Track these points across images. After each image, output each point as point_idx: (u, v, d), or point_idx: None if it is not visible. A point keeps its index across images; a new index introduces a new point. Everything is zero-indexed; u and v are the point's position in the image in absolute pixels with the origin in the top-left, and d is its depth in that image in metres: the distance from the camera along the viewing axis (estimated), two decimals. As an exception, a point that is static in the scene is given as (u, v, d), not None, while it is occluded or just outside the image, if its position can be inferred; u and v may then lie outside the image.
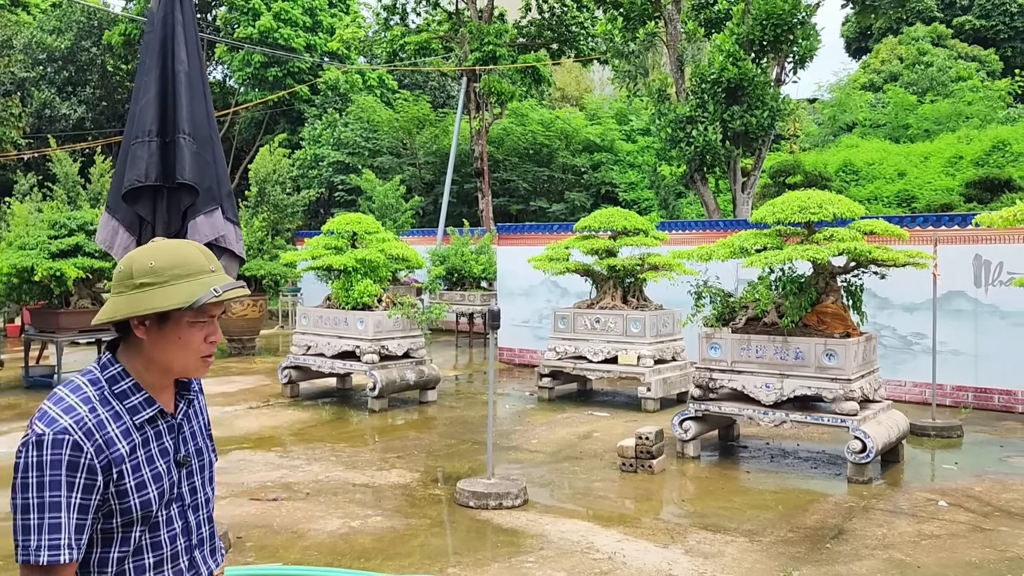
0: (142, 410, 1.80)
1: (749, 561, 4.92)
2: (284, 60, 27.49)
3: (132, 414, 1.78)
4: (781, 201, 7.34)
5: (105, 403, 1.76)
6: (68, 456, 1.66)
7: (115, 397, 1.78)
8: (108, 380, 1.79)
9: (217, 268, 1.86)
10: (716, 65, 14.77)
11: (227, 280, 1.85)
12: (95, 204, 16.63)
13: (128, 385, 1.80)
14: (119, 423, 1.76)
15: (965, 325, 9.80)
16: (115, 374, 1.80)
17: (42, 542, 1.63)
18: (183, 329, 1.80)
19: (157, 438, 1.82)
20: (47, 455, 1.65)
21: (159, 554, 1.82)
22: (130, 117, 4.10)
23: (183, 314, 1.79)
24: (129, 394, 1.79)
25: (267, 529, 5.45)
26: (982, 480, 6.73)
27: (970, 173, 18.99)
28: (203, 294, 1.77)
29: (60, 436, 1.66)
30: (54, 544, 1.63)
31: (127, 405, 1.78)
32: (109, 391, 1.78)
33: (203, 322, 1.82)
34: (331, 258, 9.97)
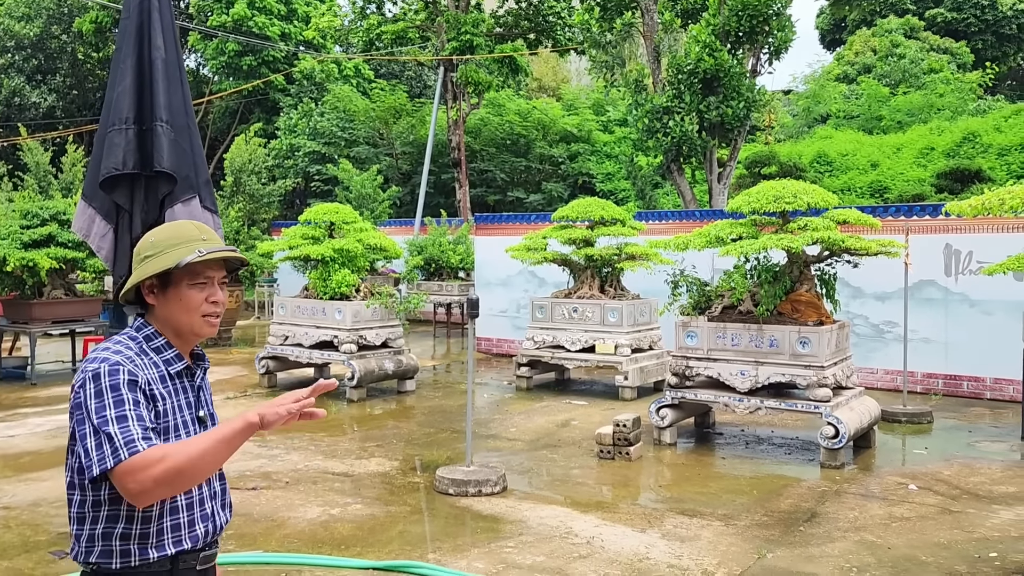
0: (175, 363, 2.06)
1: (724, 544, 5.01)
2: (259, 48, 27.23)
3: (167, 365, 2.04)
4: (756, 191, 7.43)
5: (144, 354, 2.01)
6: (127, 378, 1.91)
7: (152, 351, 2.03)
8: (144, 337, 2.05)
9: (210, 238, 2.08)
10: (692, 56, 14.85)
11: (217, 246, 2.06)
12: (67, 194, 16.43)
13: (162, 342, 2.06)
14: (157, 370, 2.01)
15: (935, 313, 9.98)
16: (149, 333, 2.06)
17: (117, 445, 1.81)
18: (183, 291, 2.04)
19: (184, 392, 2.06)
20: (106, 381, 1.89)
21: (188, 497, 2.02)
22: (106, 104, 4.07)
23: (181, 277, 2.03)
24: (163, 349, 2.05)
25: (247, 518, 5.45)
26: (951, 464, 6.88)
27: (941, 164, 19.26)
28: (188, 255, 1.99)
29: (116, 366, 1.91)
30: (129, 440, 1.82)
31: (163, 358, 2.04)
32: (147, 345, 2.03)
33: (201, 284, 2.05)
34: (308, 248, 9.94)
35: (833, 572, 4.59)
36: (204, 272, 2.05)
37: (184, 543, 2.00)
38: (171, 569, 1.98)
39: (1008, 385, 9.44)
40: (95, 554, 1.94)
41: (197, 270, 2.03)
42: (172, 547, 1.97)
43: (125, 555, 1.94)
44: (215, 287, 2.08)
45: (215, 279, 2.08)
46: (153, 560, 1.95)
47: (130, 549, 1.94)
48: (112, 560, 1.94)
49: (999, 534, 5.19)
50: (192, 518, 2.02)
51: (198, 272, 2.04)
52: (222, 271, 2.11)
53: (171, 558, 1.98)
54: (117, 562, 1.94)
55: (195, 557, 2.03)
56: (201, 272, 2.04)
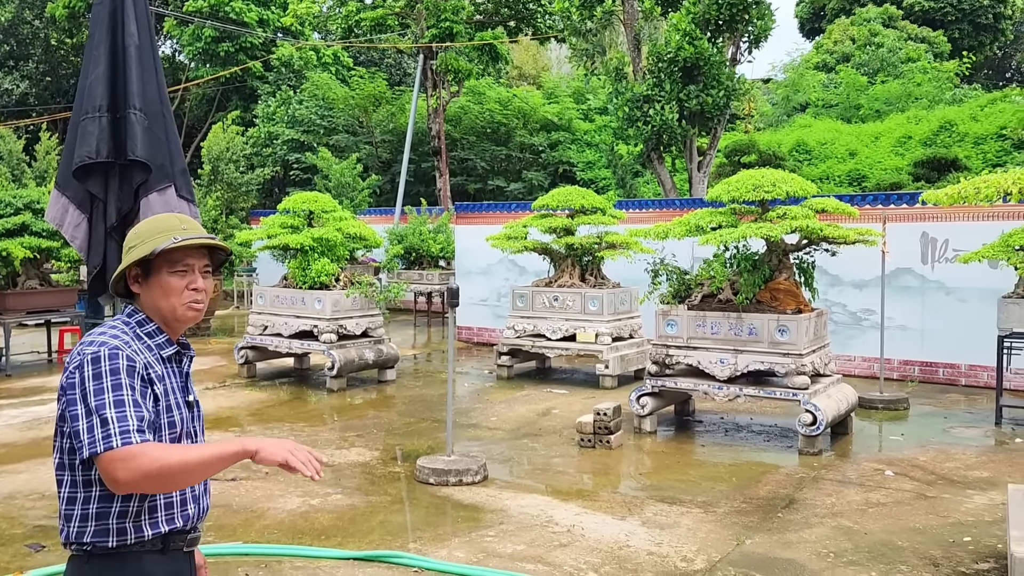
0: (167, 347, 2.11)
1: (704, 531, 5.05)
2: (236, 35, 26.91)
3: (159, 349, 2.09)
4: (736, 180, 7.45)
5: (139, 338, 2.06)
6: (126, 363, 1.95)
7: (145, 335, 2.08)
8: (137, 323, 2.10)
9: (190, 227, 2.13)
10: (672, 44, 14.85)
11: (195, 234, 2.11)
12: (41, 182, 16.21)
13: (153, 327, 2.11)
14: (151, 353, 2.06)
15: (912, 301, 10.08)
16: (141, 319, 2.11)
17: (111, 430, 1.84)
18: (163, 278, 2.09)
19: (175, 376, 2.12)
20: (106, 365, 1.92)
21: None
22: (79, 91, 4.01)
23: (161, 266, 2.08)
24: (155, 334, 2.10)
25: (226, 509, 5.42)
26: (926, 450, 6.97)
27: (918, 153, 19.43)
28: (164, 242, 2.06)
29: (116, 350, 1.95)
30: (124, 430, 1.85)
31: (155, 342, 2.09)
32: (140, 330, 2.08)
33: (180, 271, 2.10)
34: (287, 237, 9.87)
35: (810, 558, 4.64)
36: (183, 259, 2.10)
37: (176, 521, 2.04)
38: (163, 548, 2.02)
39: (983, 372, 9.57)
40: (88, 534, 1.96)
41: (176, 257, 2.09)
42: (165, 525, 2.02)
43: (121, 533, 1.97)
44: (196, 274, 2.13)
45: (196, 267, 2.13)
46: (148, 538, 1.99)
47: (126, 527, 1.97)
48: (108, 538, 1.96)
49: (973, 519, 5.26)
50: (184, 497, 2.06)
51: (176, 259, 2.09)
52: (203, 259, 2.16)
53: (163, 536, 2.02)
54: (113, 540, 1.96)
55: (183, 538, 2.08)
56: (180, 259, 2.09)
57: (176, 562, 2.07)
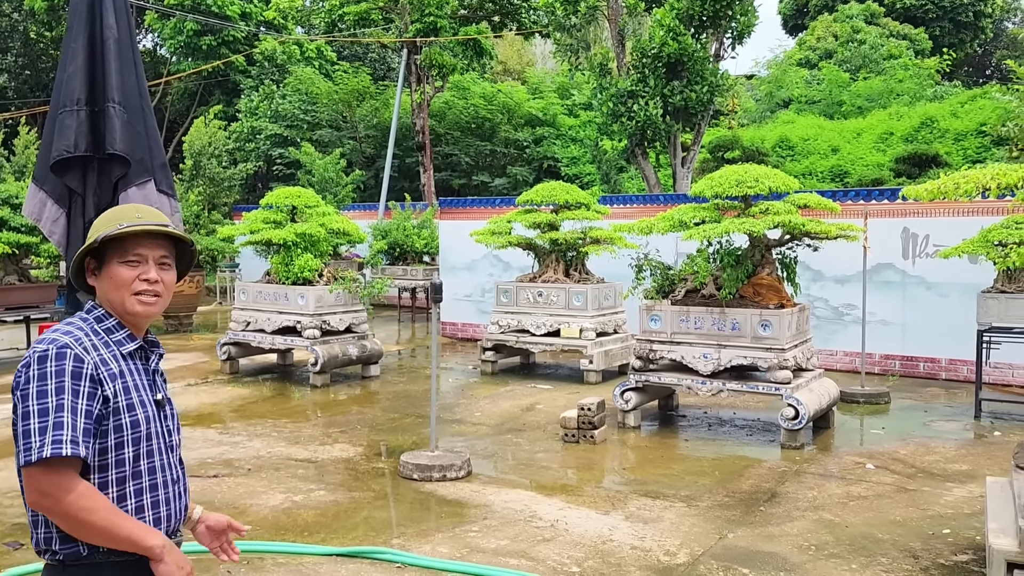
0: (127, 343, 2.03)
1: (687, 525, 5.07)
2: (218, 29, 26.69)
3: (119, 345, 2.01)
4: (719, 175, 7.48)
5: (96, 334, 1.99)
6: (72, 366, 1.86)
7: (103, 331, 2.01)
8: (95, 319, 2.02)
9: (146, 216, 2.06)
10: (657, 40, 14.87)
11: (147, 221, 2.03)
12: (20, 177, 16.01)
13: (113, 322, 2.03)
14: (108, 350, 1.98)
15: (893, 296, 10.16)
16: (100, 314, 2.03)
17: (45, 440, 1.77)
18: (114, 269, 2.02)
19: (138, 373, 2.04)
20: (51, 366, 1.85)
21: (153, 479, 2.02)
22: (57, 85, 3.96)
23: (112, 256, 2.01)
24: (115, 330, 2.03)
25: (208, 506, 5.34)
26: (907, 444, 7.03)
27: (900, 149, 19.58)
28: (107, 231, 1.98)
29: (63, 350, 1.87)
30: (58, 439, 1.78)
31: (113, 338, 2.01)
32: (98, 325, 2.01)
33: (131, 262, 2.02)
34: (270, 232, 9.81)
35: (792, 551, 4.67)
36: (133, 249, 2.02)
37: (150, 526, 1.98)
38: (139, 556, 1.94)
39: (962, 366, 9.66)
40: (56, 541, 1.89)
41: (126, 247, 2.01)
42: None
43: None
44: (148, 265, 2.03)
45: (149, 257, 2.04)
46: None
47: None
48: (78, 545, 1.89)
49: (952, 511, 5.31)
50: (156, 500, 2.01)
51: (127, 249, 2.01)
52: (160, 250, 2.06)
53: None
54: (84, 547, 1.90)
55: None
56: (130, 249, 2.02)
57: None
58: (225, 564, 4.45)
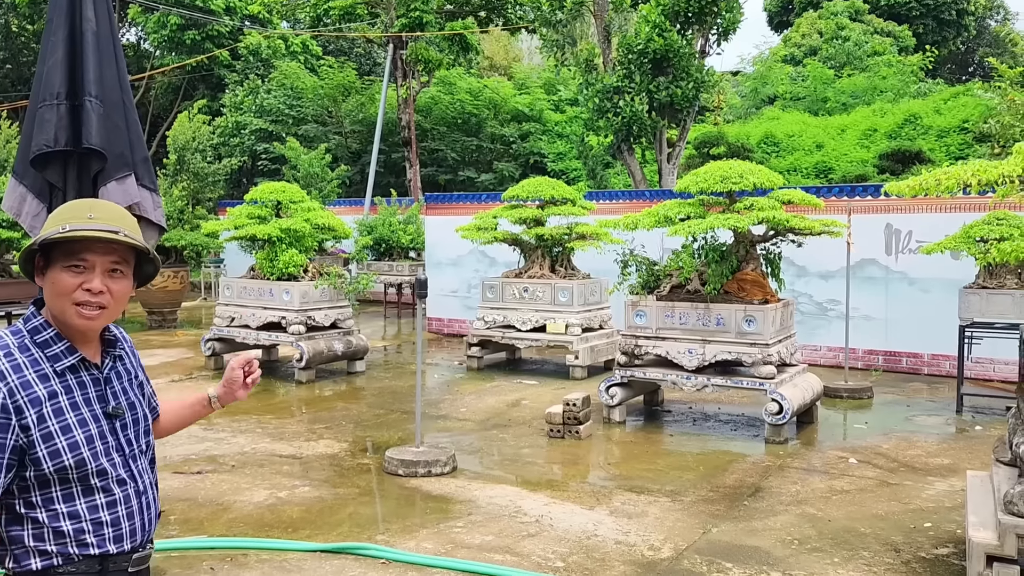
0: (63, 358, 1.84)
1: (671, 520, 5.09)
2: (202, 23, 26.48)
3: (53, 361, 1.82)
4: (704, 171, 7.49)
5: (25, 350, 1.81)
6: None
7: (36, 346, 1.82)
8: (30, 330, 1.84)
9: (100, 216, 1.84)
10: (642, 36, 14.88)
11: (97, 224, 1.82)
12: (1, 171, 15.85)
13: (50, 335, 1.84)
14: (37, 368, 1.79)
15: (876, 291, 10.23)
16: (37, 325, 1.85)
17: None
18: (56, 273, 1.82)
19: (81, 387, 1.86)
20: None
21: (110, 496, 1.87)
22: (37, 78, 3.92)
23: (58, 258, 1.82)
24: (51, 343, 1.84)
25: (191, 502, 5.36)
26: (889, 438, 7.08)
27: (884, 145, 19.69)
28: (50, 232, 1.78)
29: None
30: None
31: (48, 353, 1.83)
32: (30, 340, 1.83)
33: (75, 267, 1.82)
34: (255, 227, 9.76)
35: (775, 545, 4.70)
36: (80, 253, 1.80)
37: (108, 545, 1.86)
38: (100, 570, 1.85)
39: (945, 361, 9.74)
40: (9, 558, 1.81)
41: (72, 250, 1.80)
42: (96, 547, 1.85)
43: (44, 555, 1.81)
44: (94, 273, 1.82)
45: (96, 264, 1.82)
46: (78, 559, 1.83)
47: (48, 549, 1.81)
48: (31, 560, 1.80)
49: (934, 505, 5.36)
50: (116, 516, 1.88)
51: (73, 252, 1.80)
52: (110, 256, 1.84)
53: (98, 558, 1.85)
54: (37, 562, 1.80)
55: (126, 559, 1.90)
56: (76, 253, 1.80)
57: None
58: (208, 560, 4.43)
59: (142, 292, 13.96)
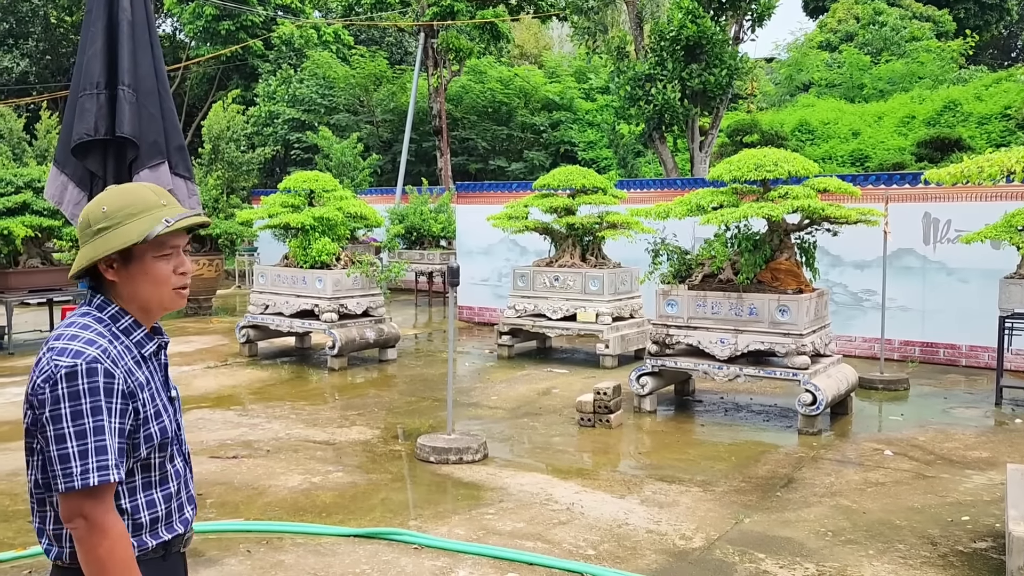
0: (146, 343, 1.88)
1: (703, 510, 5.07)
2: (236, 13, 26.71)
3: (139, 348, 1.86)
4: (737, 159, 7.41)
5: (116, 338, 1.83)
6: (104, 383, 1.72)
7: (121, 333, 1.85)
8: (110, 318, 1.85)
9: (169, 202, 1.89)
10: (675, 22, 14.74)
11: (180, 211, 1.88)
12: (42, 161, 16.16)
13: (129, 322, 1.87)
14: (132, 356, 1.84)
15: (913, 282, 10.07)
16: (115, 312, 1.86)
17: (89, 465, 1.66)
18: (148, 264, 1.85)
19: (157, 372, 1.91)
20: (84, 384, 1.70)
21: (178, 481, 1.93)
22: (77, 68, 3.99)
23: (145, 250, 1.84)
24: (132, 330, 1.87)
25: (227, 486, 5.45)
26: (926, 430, 6.98)
27: (922, 133, 19.32)
28: (155, 227, 1.80)
29: (93, 365, 1.72)
30: (103, 465, 1.67)
31: (133, 340, 1.86)
32: (115, 327, 1.85)
33: (167, 255, 1.87)
34: (288, 216, 9.85)
35: (808, 536, 4.66)
36: (169, 242, 1.87)
37: (177, 527, 1.91)
38: (164, 555, 1.89)
39: (983, 352, 9.57)
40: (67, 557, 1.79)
41: (163, 240, 1.85)
42: (166, 533, 1.88)
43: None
44: (181, 256, 1.91)
45: (179, 247, 1.91)
46: (151, 548, 1.85)
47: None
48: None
49: (971, 498, 5.28)
50: (181, 502, 1.93)
51: (164, 242, 1.85)
52: (185, 237, 1.94)
53: (165, 543, 1.89)
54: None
55: (181, 540, 1.95)
56: (167, 242, 1.86)
57: (175, 565, 1.96)
58: (244, 543, 4.50)
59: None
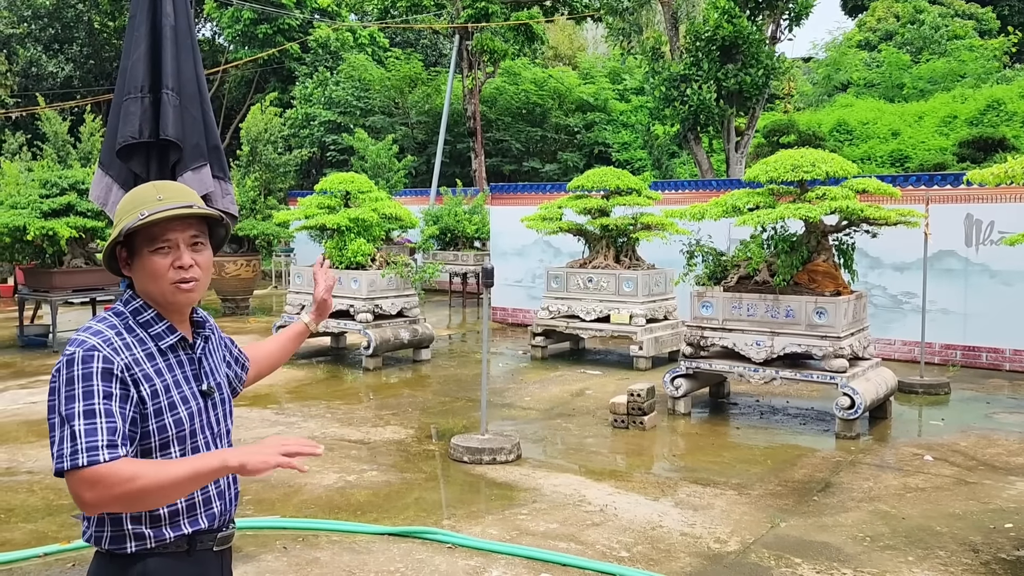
0: (166, 336, 1.90)
1: (737, 513, 5.03)
2: (274, 17, 27.07)
3: (157, 340, 1.88)
4: (774, 160, 7.34)
5: (130, 331, 1.86)
6: (101, 367, 1.75)
7: (140, 326, 1.88)
8: (132, 312, 1.89)
9: (168, 197, 1.89)
10: (711, 22, 14.63)
11: (170, 204, 1.86)
12: (85, 163, 16.51)
13: (151, 315, 1.90)
14: (144, 348, 1.85)
15: (955, 284, 9.88)
16: (138, 306, 1.90)
17: (78, 446, 1.67)
18: (145, 259, 1.87)
19: (180, 366, 1.91)
20: (79, 370, 1.74)
21: None
22: (121, 72, 4.07)
23: (142, 245, 1.86)
24: (153, 323, 1.89)
25: (264, 484, 5.52)
26: (968, 435, 6.85)
27: (964, 132, 18.96)
28: (128, 221, 1.84)
29: (90, 352, 1.75)
30: (91, 446, 1.67)
31: (151, 332, 1.88)
32: (134, 320, 1.88)
33: (162, 249, 1.87)
34: (324, 217, 9.96)
35: (846, 541, 4.60)
36: (162, 236, 1.85)
37: (201, 522, 1.91)
38: (188, 549, 1.89)
39: (1027, 356, 9.36)
40: (106, 540, 1.84)
41: (154, 234, 1.84)
42: (188, 526, 1.89)
43: (139, 538, 1.84)
44: (180, 250, 1.87)
45: (179, 241, 1.87)
46: (170, 540, 1.86)
47: (144, 532, 1.84)
48: (126, 544, 1.83)
49: (1015, 505, 5.17)
50: (207, 496, 1.92)
51: (155, 236, 1.85)
52: (189, 231, 1.89)
53: (188, 537, 1.89)
54: (131, 545, 1.83)
55: (211, 537, 1.94)
56: (159, 236, 1.85)
57: (205, 563, 1.93)
58: (280, 540, 4.56)
59: (216, 280, 14.38)
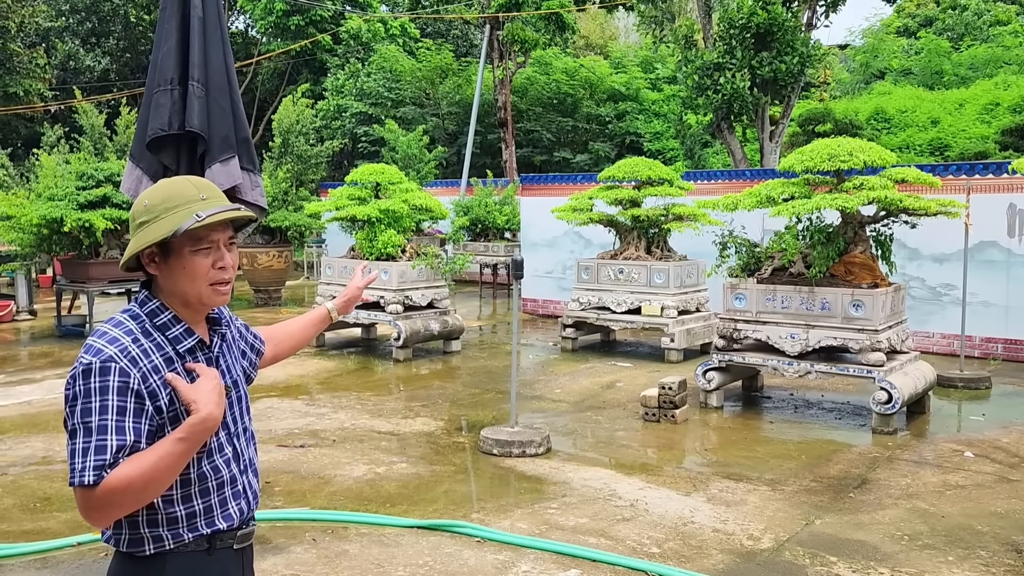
0: (184, 339, 1.87)
1: (771, 509, 4.95)
2: (306, 8, 27.19)
3: (175, 344, 1.85)
4: (810, 149, 7.20)
5: (147, 335, 1.82)
6: (117, 382, 1.72)
7: (156, 329, 1.84)
8: (148, 314, 1.86)
9: (210, 196, 1.88)
10: (745, 9, 14.40)
11: (218, 206, 1.85)
12: (121, 155, 16.72)
13: (168, 317, 1.86)
14: (162, 352, 1.82)
15: (996, 276, 9.64)
16: (154, 308, 1.87)
17: (87, 463, 1.66)
18: (185, 259, 1.84)
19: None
20: (95, 382, 1.71)
21: (219, 477, 1.91)
22: (152, 65, 4.09)
23: (183, 244, 1.83)
24: (170, 325, 1.86)
25: (295, 475, 5.55)
26: (1010, 431, 6.68)
27: (1007, 120, 18.50)
28: (185, 221, 1.79)
29: (107, 364, 1.72)
30: (99, 464, 1.66)
31: (169, 336, 1.85)
32: (150, 324, 1.84)
33: (205, 249, 1.85)
34: (355, 209, 9.97)
35: (883, 540, 4.50)
36: (207, 236, 1.84)
37: (218, 523, 1.90)
38: (208, 548, 1.89)
39: (1072, 351, 9.11)
40: (124, 542, 1.83)
41: (199, 235, 1.82)
42: (206, 528, 1.88)
43: (158, 540, 1.83)
44: (221, 250, 1.87)
45: (220, 241, 1.87)
46: (189, 540, 1.86)
47: (161, 535, 1.83)
48: (144, 547, 1.83)
49: (1059, 504, 5.03)
50: (223, 497, 1.91)
51: (200, 237, 1.83)
52: (227, 231, 1.89)
53: (207, 537, 1.88)
54: (150, 548, 1.83)
55: (232, 536, 1.94)
56: (204, 236, 1.83)
57: (225, 561, 1.93)
58: (310, 531, 4.57)
59: (249, 271, 14.52)
